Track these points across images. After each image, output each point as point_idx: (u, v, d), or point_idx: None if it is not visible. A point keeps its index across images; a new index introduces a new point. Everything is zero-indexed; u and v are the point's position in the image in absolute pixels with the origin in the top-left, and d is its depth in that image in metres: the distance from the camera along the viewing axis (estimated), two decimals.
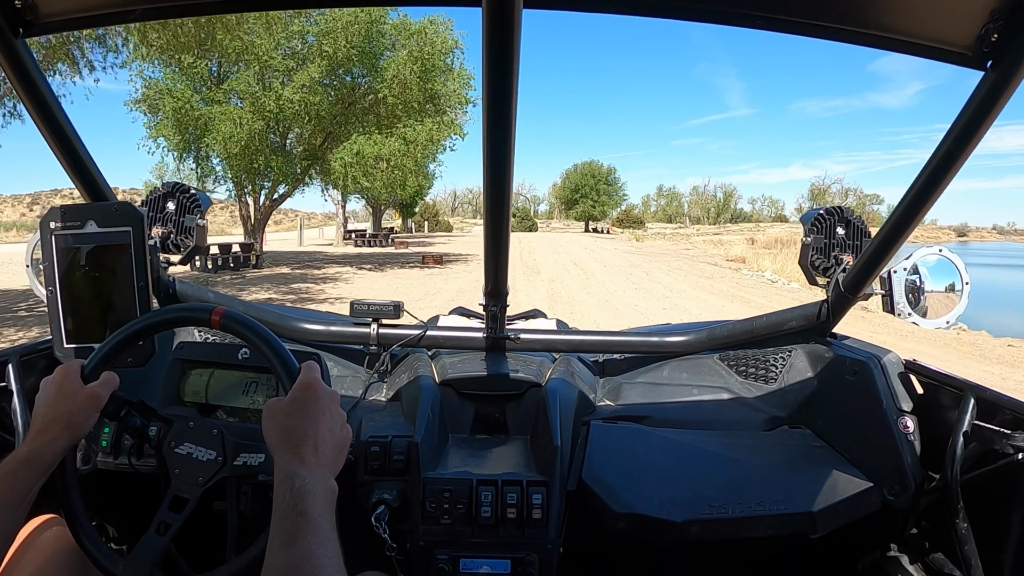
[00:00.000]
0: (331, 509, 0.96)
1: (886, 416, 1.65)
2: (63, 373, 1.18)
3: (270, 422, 1.05)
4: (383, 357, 1.98)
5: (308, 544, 0.88)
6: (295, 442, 1.00)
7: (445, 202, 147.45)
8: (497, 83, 1.22)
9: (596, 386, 2.07)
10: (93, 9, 1.49)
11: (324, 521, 0.92)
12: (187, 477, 1.30)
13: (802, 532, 1.57)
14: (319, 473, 0.98)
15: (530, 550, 1.48)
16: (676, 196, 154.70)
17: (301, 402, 1.06)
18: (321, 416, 1.06)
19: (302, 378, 1.10)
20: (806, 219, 1.98)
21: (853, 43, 1.39)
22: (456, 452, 1.68)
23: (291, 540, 0.88)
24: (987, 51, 1.28)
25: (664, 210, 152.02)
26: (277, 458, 1.00)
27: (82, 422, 1.14)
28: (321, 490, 0.96)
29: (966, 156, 1.43)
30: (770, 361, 2.02)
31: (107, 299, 1.64)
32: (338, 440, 1.08)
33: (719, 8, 1.36)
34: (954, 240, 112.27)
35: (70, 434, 1.13)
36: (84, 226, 1.60)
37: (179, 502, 1.28)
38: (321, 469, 1.00)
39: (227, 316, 1.24)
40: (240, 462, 1.33)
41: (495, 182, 1.46)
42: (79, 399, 1.15)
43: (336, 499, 0.99)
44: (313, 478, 0.96)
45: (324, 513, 0.93)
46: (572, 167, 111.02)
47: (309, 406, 1.06)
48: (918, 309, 1.79)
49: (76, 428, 1.14)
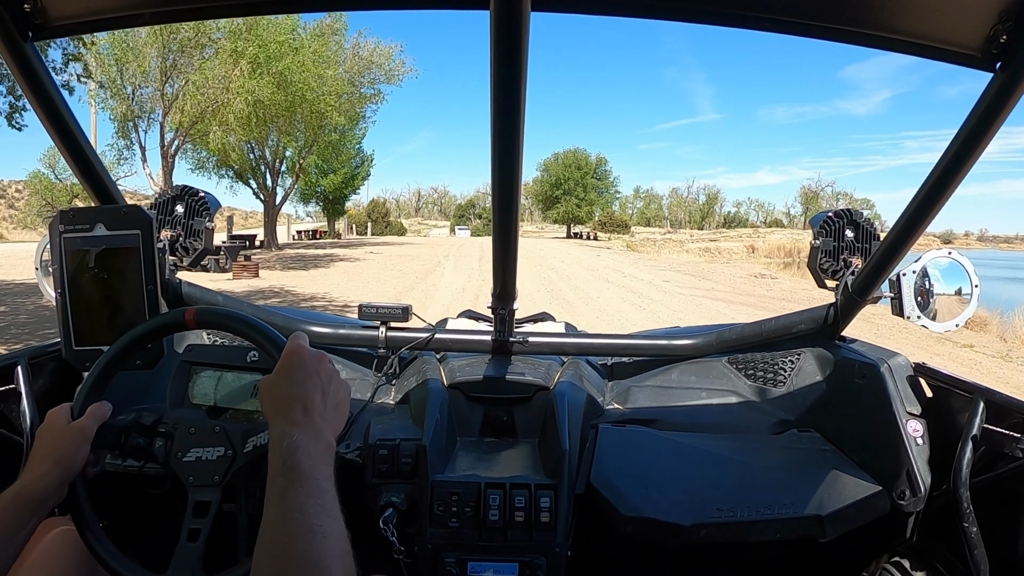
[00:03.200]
0: (327, 463, 0.97)
1: (895, 419, 1.64)
2: (52, 415, 1.20)
3: (263, 399, 1.07)
4: (391, 360, 1.99)
5: (298, 495, 0.89)
6: (284, 407, 1.03)
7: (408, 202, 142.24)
8: (505, 87, 1.22)
9: (604, 389, 2.06)
10: (102, 13, 1.49)
11: (316, 472, 0.93)
12: (203, 480, 1.31)
13: (810, 536, 1.56)
14: (310, 431, 1.00)
15: (538, 553, 1.48)
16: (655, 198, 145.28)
17: (287, 369, 1.08)
18: (308, 378, 1.07)
19: (287, 346, 1.12)
20: (815, 222, 1.98)
21: (861, 44, 1.38)
22: (464, 455, 1.68)
23: (282, 494, 0.90)
24: (996, 52, 1.27)
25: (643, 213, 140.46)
26: (271, 426, 1.02)
27: (72, 456, 1.15)
28: (313, 445, 0.97)
29: (975, 158, 1.42)
30: (779, 364, 2.01)
31: (116, 302, 1.64)
32: (332, 399, 1.09)
33: (727, 11, 1.35)
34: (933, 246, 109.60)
35: (60, 470, 1.13)
36: (93, 229, 1.60)
37: (202, 506, 1.29)
38: (313, 427, 1.01)
39: (200, 312, 1.26)
40: (250, 447, 1.33)
41: (503, 186, 1.46)
42: (67, 434, 1.16)
43: (333, 454, 1.01)
44: (303, 436, 0.98)
45: (316, 466, 0.94)
46: (552, 156, 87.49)
47: (294, 371, 1.08)
48: (927, 312, 1.79)
49: (67, 463, 1.14)
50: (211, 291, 2.03)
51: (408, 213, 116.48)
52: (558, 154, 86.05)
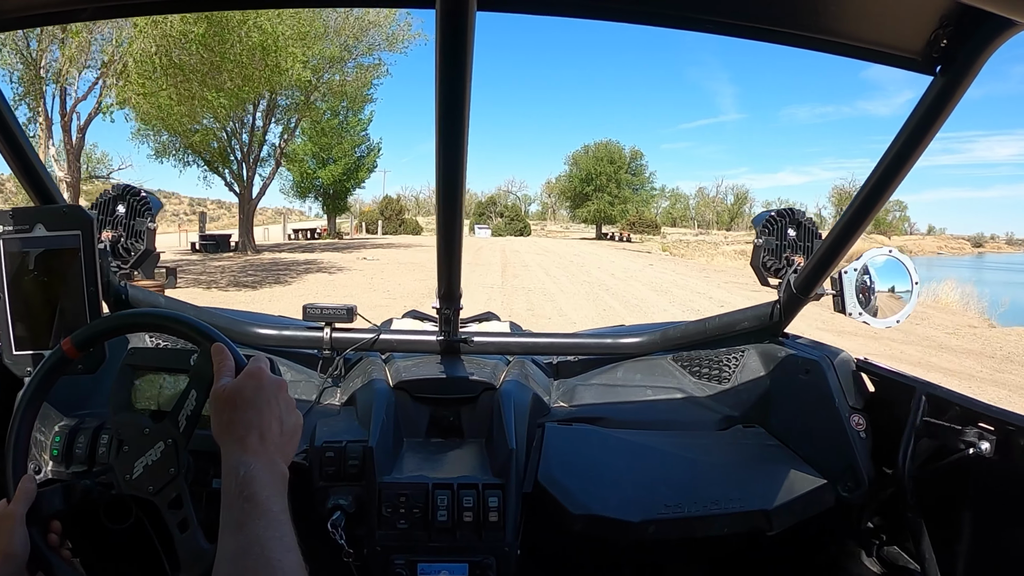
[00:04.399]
0: (281, 493, 0.95)
1: (838, 414, 1.68)
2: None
3: (216, 413, 1.04)
4: (336, 361, 1.97)
5: (256, 527, 0.87)
6: (240, 432, 1.00)
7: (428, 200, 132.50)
8: (450, 85, 1.22)
9: (550, 388, 2.07)
10: (42, 8, 1.45)
11: (273, 504, 0.91)
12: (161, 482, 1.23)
13: (758, 529, 1.59)
14: (265, 460, 0.98)
15: (488, 553, 1.48)
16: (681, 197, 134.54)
17: (245, 391, 1.05)
18: (266, 405, 1.05)
19: (248, 368, 1.09)
20: (757, 221, 2.01)
21: (805, 48, 1.40)
22: (411, 456, 1.67)
23: (239, 526, 0.88)
24: (936, 56, 1.31)
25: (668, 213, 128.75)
26: (224, 449, 1.00)
27: (10, 543, 1.07)
28: (268, 475, 0.95)
29: (916, 159, 1.47)
30: (723, 361, 2.04)
31: (57, 305, 1.61)
32: (287, 427, 1.07)
33: (668, 12, 1.37)
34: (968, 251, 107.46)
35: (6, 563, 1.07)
36: (32, 229, 1.56)
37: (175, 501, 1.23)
38: (268, 456, 0.99)
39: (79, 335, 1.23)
40: None
41: (448, 186, 1.46)
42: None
43: (287, 484, 0.99)
44: (259, 464, 0.96)
45: (272, 497, 0.92)
46: (582, 149, 77.80)
47: (254, 395, 1.05)
48: (868, 309, 1.82)
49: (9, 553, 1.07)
50: (153, 293, 1.99)
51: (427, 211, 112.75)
52: (588, 146, 77.85)
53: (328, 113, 37.61)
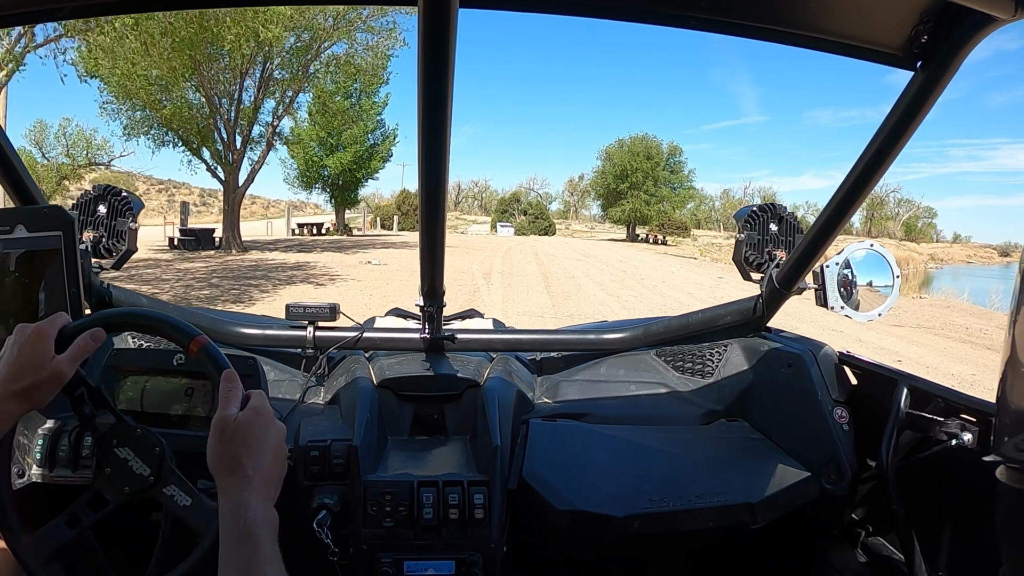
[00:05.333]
0: (275, 536, 0.95)
1: (821, 407, 1.70)
2: (38, 337, 1.08)
3: (220, 443, 1.01)
4: (320, 360, 1.96)
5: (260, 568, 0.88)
6: (246, 472, 0.98)
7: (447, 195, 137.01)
8: (432, 84, 1.23)
9: (534, 384, 2.08)
10: (20, 6, 1.45)
11: (275, 553, 0.91)
12: (116, 480, 1.24)
13: (743, 523, 1.60)
14: (267, 504, 0.97)
15: (474, 550, 1.49)
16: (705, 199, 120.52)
17: (253, 429, 1.03)
18: (271, 448, 1.04)
19: (257, 404, 1.07)
20: (739, 216, 2.02)
21: (786, 44, 1.41)
22: (396, 454, 1.67)
23: (247, 568, 0.88)
24: (917, 52, 1.32)
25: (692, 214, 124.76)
26: (224, 482, 0.98)
27: (42, 398, 1.08)
28: (270, 522, 0.95)
29: (895, 154, 1.47)
30: (706, 356, 2.05)
31: (38, 306, 1.60)
32: (280, 473, 1.06)
33: (653, 8, 1.37)
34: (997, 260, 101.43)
35: (29, 405, 1.07)
36: (13, 231, 1.55)
37: (99, 502, 1.24)
38: (267, 499, 0.98)
39: None
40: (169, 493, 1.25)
41: (430, 184, 1.47)
42: (44, 373, 1.07)
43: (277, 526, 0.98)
44: (263, 509, 0.95)
45: (274, 545, 0.92)
46: (616, 143, 69.68)
47: (261, 436, 1.03)
48: (850, 302, 1.83)
49: (34, 402, 1.07)
50: (136, 294, 1.99)
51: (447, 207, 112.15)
52: (623, 140, 69.63)
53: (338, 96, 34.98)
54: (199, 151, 26.43)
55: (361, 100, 38.45)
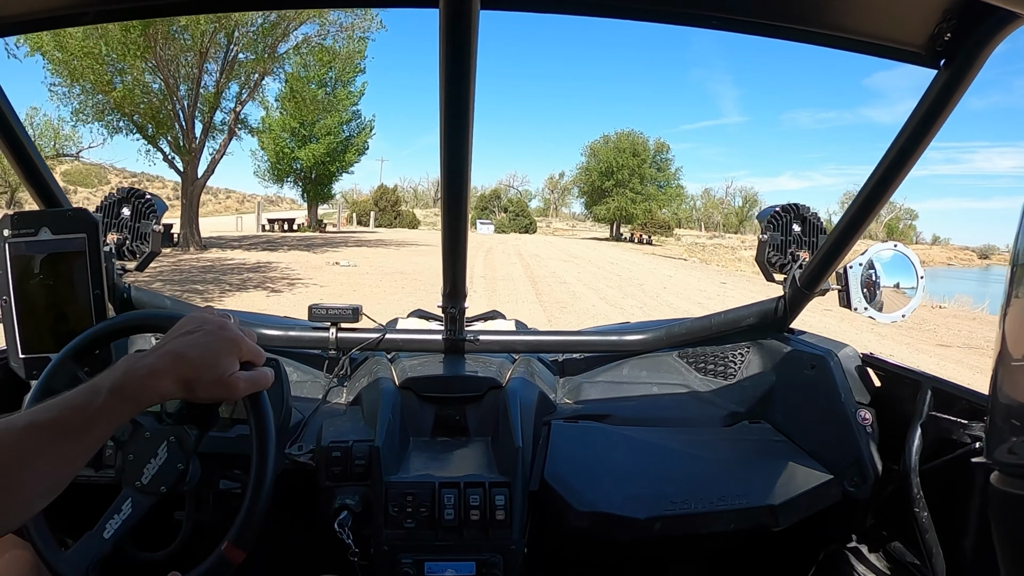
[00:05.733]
0: None
1: (844, 409, 1.68)
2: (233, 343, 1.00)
3: None
4: (342, 361, 1.97)
5: None
6: None
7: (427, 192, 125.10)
8: (454, 84, 1.23)
9: (556, 386, 2.08)
10: (46, 12, 1.45)
11: None
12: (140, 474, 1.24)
13: (764, 525, 1.59)
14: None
15: (494, 551, 1.49)
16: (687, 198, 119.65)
17: None
18: None
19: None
20: (762, 216, 2.01)
21: (808, 43, 1.40)
22: (418, 455, 1.67)
23: None
24: (940, 50, 1.31)
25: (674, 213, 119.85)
26: None
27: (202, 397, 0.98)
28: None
29: (919, 154, 1.46)
30: (728, 357, 2.04)
31: (62, 308, 1.60)
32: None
33: (676, 9, 1.37)
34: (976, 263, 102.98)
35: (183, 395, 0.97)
36: (38, 233, 1.56)
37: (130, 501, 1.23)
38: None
39: None
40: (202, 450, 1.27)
41: (453, 186, 1.47)
42: (222, 380, 0.97)
43: None
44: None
45: None
46: (601, 139, 67.16)
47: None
48: (874, 304, 1.82)
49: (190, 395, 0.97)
50: (159, 295, 1.99)
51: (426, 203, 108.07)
52: (608, 136, 67.01)
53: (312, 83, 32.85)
54: (155, 140, 23.88)
55: (336, 89, 37.02)
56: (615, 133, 66.72)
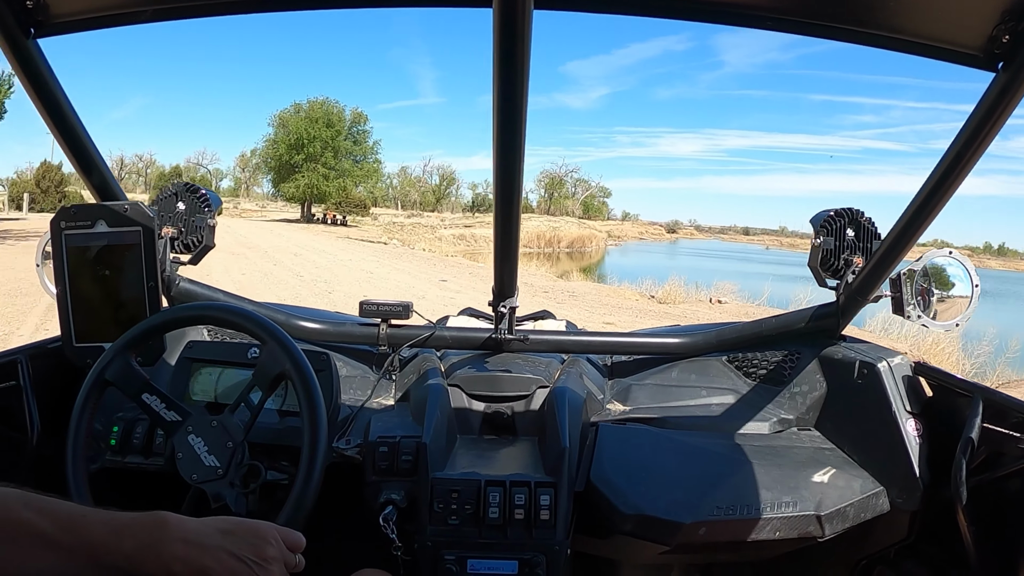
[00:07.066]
0: None
1: (894, 418, 1.65)
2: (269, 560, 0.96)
3: None
4: (391, 357, 1.98)
5: None
6: None
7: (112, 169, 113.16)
8: (507, 84, 1.23)
9: (605, 387, 2.07)
10: (105, 9, 1.51)
11: None
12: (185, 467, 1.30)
13: (809, 534, 1.58)
14: None
15: (538, 551, 1.49)
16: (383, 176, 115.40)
17: None
18: None
19: None
20: (816, 221, 1.97)
21: (863, 44, 1.40)
22: (464, 453, 1.68)
23: None
24: (998, 53, 1.28)
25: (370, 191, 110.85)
26: None
27: None
28: None
29: (977, 157, 1.43)
30: (778, 363, 2.02)
31: (116, 298, 1.66)
32: None
33: (732, 9, 1.37)
34: (666, 237, 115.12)
35: None
36: (94, 226, 1.61)
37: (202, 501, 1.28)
38: None
39: None
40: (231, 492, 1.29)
41: (505, 185, 1.47)
42: None
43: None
44: None
45: None
46: (291, 108, 59.32)
47: None
48: (928, 311, 1.79)
49: None
50: (213, 288, 2.03)
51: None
52: (300, 105, 59.03)
53: None
54: None
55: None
56: (307, 102, 59.28)
